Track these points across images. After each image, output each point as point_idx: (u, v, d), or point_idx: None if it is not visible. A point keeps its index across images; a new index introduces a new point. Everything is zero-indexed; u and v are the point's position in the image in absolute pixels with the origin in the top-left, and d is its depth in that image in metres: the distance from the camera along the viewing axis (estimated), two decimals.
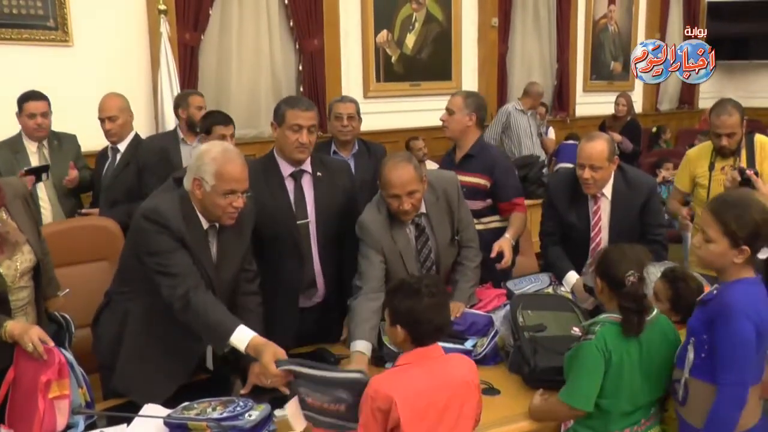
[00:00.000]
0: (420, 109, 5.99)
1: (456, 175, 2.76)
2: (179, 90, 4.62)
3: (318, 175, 2.62)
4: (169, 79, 4.64)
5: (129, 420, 1.92)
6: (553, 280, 2.86)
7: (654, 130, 7.97)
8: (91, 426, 1.99)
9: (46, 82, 3.89)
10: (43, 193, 3.55)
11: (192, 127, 3.69)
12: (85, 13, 4.52)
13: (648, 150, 7.44)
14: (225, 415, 1.82)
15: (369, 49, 5.95)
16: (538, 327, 2.36)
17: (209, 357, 2.34)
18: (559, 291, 2.76)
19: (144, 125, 4.55)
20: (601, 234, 2.86)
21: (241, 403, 1.87)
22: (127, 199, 3.36)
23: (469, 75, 6.67)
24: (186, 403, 1.91)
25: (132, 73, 4.73)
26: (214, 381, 2.31)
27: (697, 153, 3.40)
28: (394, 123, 6.04)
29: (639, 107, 8.06)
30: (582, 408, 1.94)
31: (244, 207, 2.16)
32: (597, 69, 7.97)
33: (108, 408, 2.12)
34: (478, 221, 2.88)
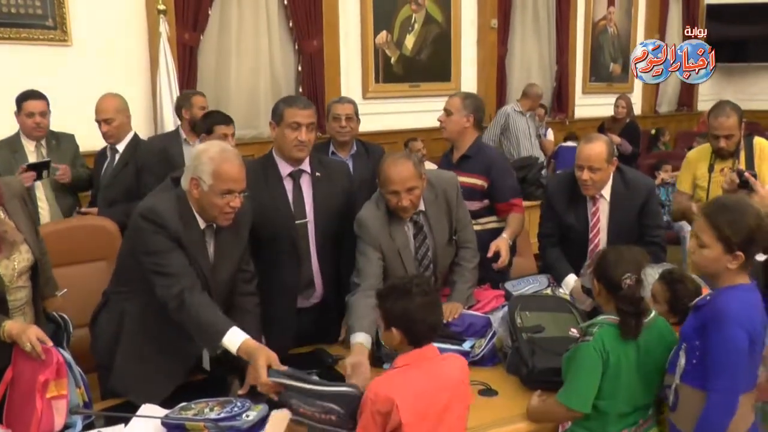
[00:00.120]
0: (419, 110, 5.99)
1: (456, 176, 2.76)
2: (178, 90, 4.63)
3: (317, 175, 2.62)
4: (168, 79, 4.65)
5: (127, 420, 1.91)
6: (552, 281, 2.85)
7: (653, 132, 7.98)
8: (89, 426, 1.99)
9: (44, 81, 3.89)
10: (41, 193, 3.55)
11: (195, 128, 3.69)
12: (84, 13, 4.52)
13: (647, 152, 7.45)
14: (222, 416, 1.82)
15: (368, 50, 5.95)
16: (536, 328, 2.36)
17: (206, 357, 2.33)
18: (558, 292, 2.76)
19: (143, 125, 4.55)
20: (600, 235, 2.86)
21: (239, 404, 1.87)
22: (126, 199, 3.36)
23: (469, 76, 6.67)
24: (183, 404, 1.91)
25: (131, 73, 4.73)
26: (211, 381, 2.30)
27: (697, 155, 3.40)
28: (393, 124, 6.04)
29: (638, 109, 8.07)
30: (579, 409, 1.94)
31: (241, 207, 2.16)
32: (596, 71, 7.98)
33: (106, 408, 2.12)
34: (475, 222, 2.88)
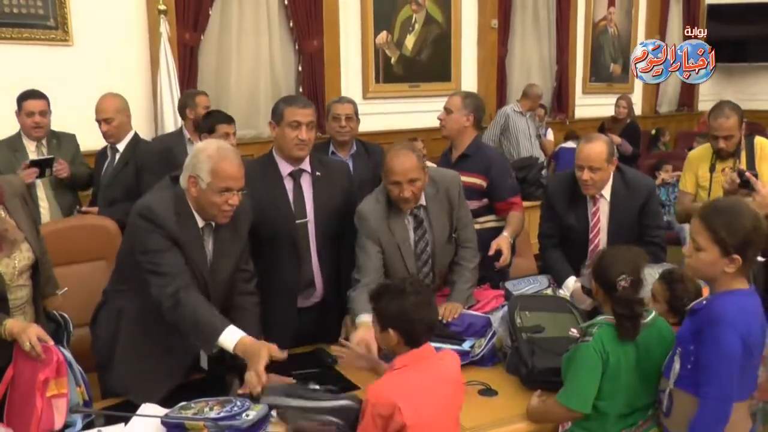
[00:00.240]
0: (419, 111, 5.99)
1: (459, 175, 2.77)
2: (179, 90, 4.63)
3: (317, 175, 2.62)
4: (169, 79, 4.65)
5: (127, 419, 1.91)
6: (552, 282, 2.85)
7: (653, 132, 7.97)
8: (89, 425, 1.99)
9: (45, 81, 3.89)
10: (41, 192, 3.56)
11: (197, 127, 3.68)
12: (85, 13, 4.52)
13: (647, 152, 7.44)
14: (222, 415, 1.82)
15: (368, 50, 5.95)
16: (535, 328, 2.36)
17: (204, 357, 2.32)
18: (558, 293, 2.75)
19: (143, 125, 4.55)
20: (600, 235, 2.86)
21: (239, 403, 1.87)
22: (126, 199, 3.35)
23: (469, 76, 6.67)
24: (183, 403, 1.91)
25: (132, 73, 4.73)
26: (211, 381, 2.30)
27: (699, 154, 3.40)
28: (393, 124, 6.04)
29: (638, 109, 8.06)
30: (579, 410, 1.94)
31: (240, 205, 2.15)
32: (596, 71, 7.97)
33: (106, 407, 2.12)
34: (474, 221, 2.88)
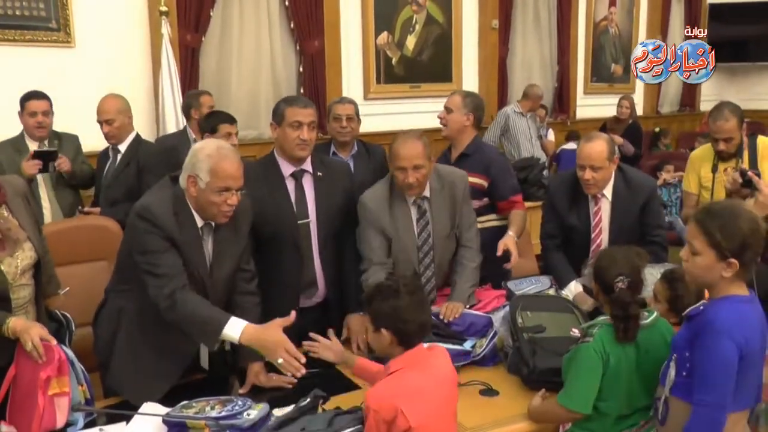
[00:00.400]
0: (420, 111, 5.97)
1: (466, 175, 2.79)
2: (180, 91, 4.64)
3: (319, 175, 2.62)
4: (170, 81, 4.65)
5: (128, 418, 1.92)
6: (554, 282, 2.85)
7: (656, 130, 7.95)
8: (91, 423, 2.00)
9: (48, 82, 3.90)
10: (43, 191, 3.56)
11: (200, 127, 3.68)
12: (87, 15, 4.54)
13: (648, 152, 7.43)
14: (223, 414, 1.81)
15: (369, 51, 5.95)
16: (537, 328, 2.36)
17: (204, 356, 2.33)
18: (560, 294, 2.75)
19: (145, 126, 4.55)
20: (602, 235, 2.86)
21: (240, 402, 1.87)
22: (127, 199, 3.35)
23: (470, 77, 6.66)
24: (184, 402, 1.91)
25: (133, 74, 4.74)
26: (212, 381, 2.31)
27: (701, 155, 3.41)
28: (394, 124, 6.01)
29: (640, 110, 8.04)
30: (580, 410, 1.94)
31: (240, 205, 2.16)
32: (597, 71, 7.95)
33: (108, 406, 2.12)
34: (476, 220, 2.89)
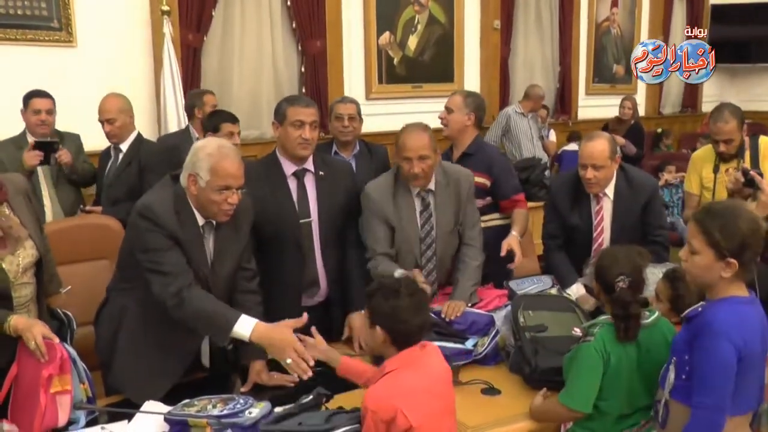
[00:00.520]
0: (422, 111, 5.91)
1: (472, 174, 2.80)
2: (182, 91, 4.64)
3: (321, 174, 2.63)
4: (172, 80, 4.65)
5: (130, 416, 1.92)
6: (556, 282, 2.85)
7: (659, 130, 7.94)
8: (93, 422, 2.00)
9: (50, 82, 3.90)
10: (44, 190, 3.57)
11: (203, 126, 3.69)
12: (89, 14, 4.53)
13: (650, 153, 7.43)
14: (225, 412, 1.81)
15: (371, 51, 5.95)
16: (539, 327, 2.36)
17: (206, 355, 2.33)
18: (563, 293, 2.75)
19: (147, 126, 4.56)
20: (604, 234, 2.87)
21: (242, 401, 1.87)
22: (129, 198, 3.36)
23: (472, 77, 6.66)
24: (186, 400, 1.91)
25: (135, 74, 4.74)
26: (213, 379, 2.31)
27: (702, 155, 3.41)
28: (396, 124, 5.96)
29: (641, 110, 8.01)
30: (580, 410, 1.94)
31: (241, 204, 2.16)
32: (599, 72, 7.95)
33: (109, 404, 2.13)
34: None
